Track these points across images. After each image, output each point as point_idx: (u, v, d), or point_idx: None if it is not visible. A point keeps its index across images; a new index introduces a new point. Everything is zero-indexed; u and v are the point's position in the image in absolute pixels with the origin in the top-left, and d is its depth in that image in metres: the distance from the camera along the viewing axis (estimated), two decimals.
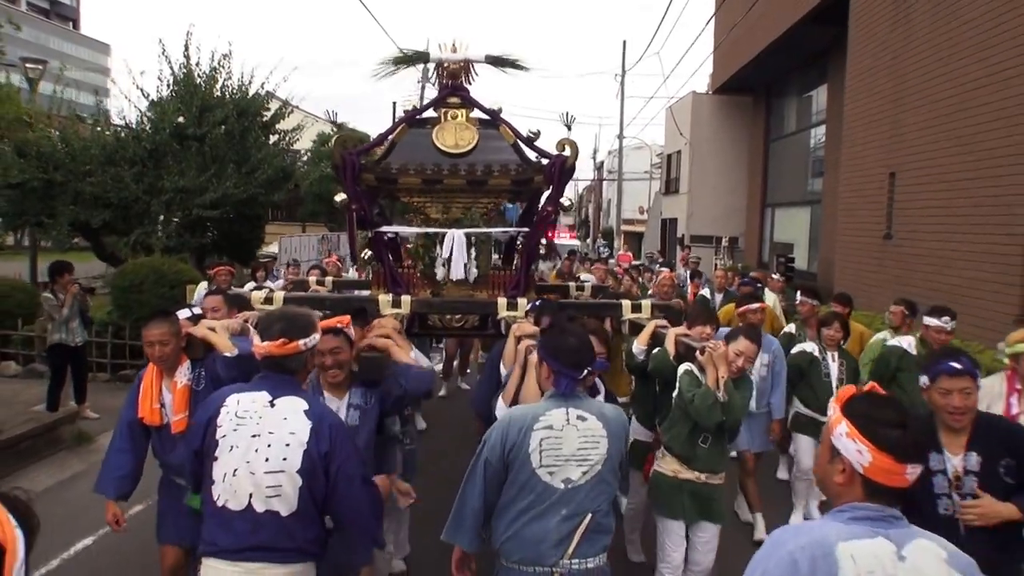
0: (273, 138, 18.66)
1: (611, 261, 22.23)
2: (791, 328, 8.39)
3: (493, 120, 6.23)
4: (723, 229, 27.11)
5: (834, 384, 6.70)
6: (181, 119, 15.78)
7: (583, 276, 11.58)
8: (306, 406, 3.19)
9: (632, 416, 5.62)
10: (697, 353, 4.60)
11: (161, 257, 13.26)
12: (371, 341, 4.35)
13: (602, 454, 3.28)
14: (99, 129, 16.59)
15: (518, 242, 7.00)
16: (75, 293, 9.23)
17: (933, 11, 12.05)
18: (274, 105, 18.60)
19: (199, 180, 15.27)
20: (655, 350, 5.16)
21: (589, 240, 56.24)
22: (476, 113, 6.26)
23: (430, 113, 6.33)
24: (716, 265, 23.79)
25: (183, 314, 4.62)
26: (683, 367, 4.70)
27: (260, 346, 3.24)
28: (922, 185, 12.22)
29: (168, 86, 16.58)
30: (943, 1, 11.74)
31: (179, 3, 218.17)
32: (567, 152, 5.88)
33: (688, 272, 15.33)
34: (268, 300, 5.91)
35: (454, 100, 6.22)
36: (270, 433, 3.08)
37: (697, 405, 4.44)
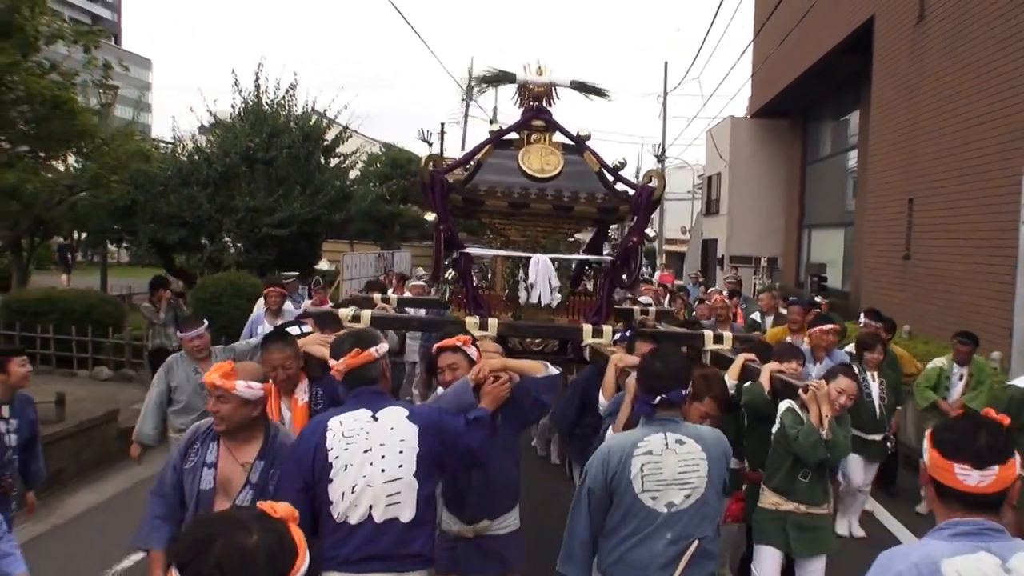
0: (334, 161, 19.96)
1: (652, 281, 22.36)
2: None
3: (578, 146, 6.19)
4: (762, 250, 27.63)
5: (876, 403, 6.98)
6: (251, 143, 17.13)
7: (642, 298, 11.04)
8: (407, 412, 3.28)
9: None
10: (800, 392, 4.50)
11: (236, 272, 14.53)
12: (488, 368, 3.87)
13: (703, 477, 3.27)
14: (173, 151, 18.07)
15: (587, 268, 7.13)
16: (168, 299, 10.39)
17: (941, 51, 13.07)
18: (335, 129, 19.90)
19: (268, 200, 16.60)
20: (747, 384, 5.09)
21: None
22: (558, 136, 6.24)
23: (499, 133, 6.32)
24: (755, 285, 24.27)
25: (293, 331, 4.73)
26: (784, 404, 4.67)
27: (337, 364, 3.35)
28: (935, 210, 13.16)
29: (240, 115, 17.99)
30: (949, 43, 12.75)
31: (219, 19, 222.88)
32: (654, 184, 5.87)
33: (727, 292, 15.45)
34: (355, 319, 5.79)
35: (537, 123, 6.21)
36: (381, 445, 3.15)
37: (802, 442, 4.43)
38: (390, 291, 11.62)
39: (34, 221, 11.36)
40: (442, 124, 34.94)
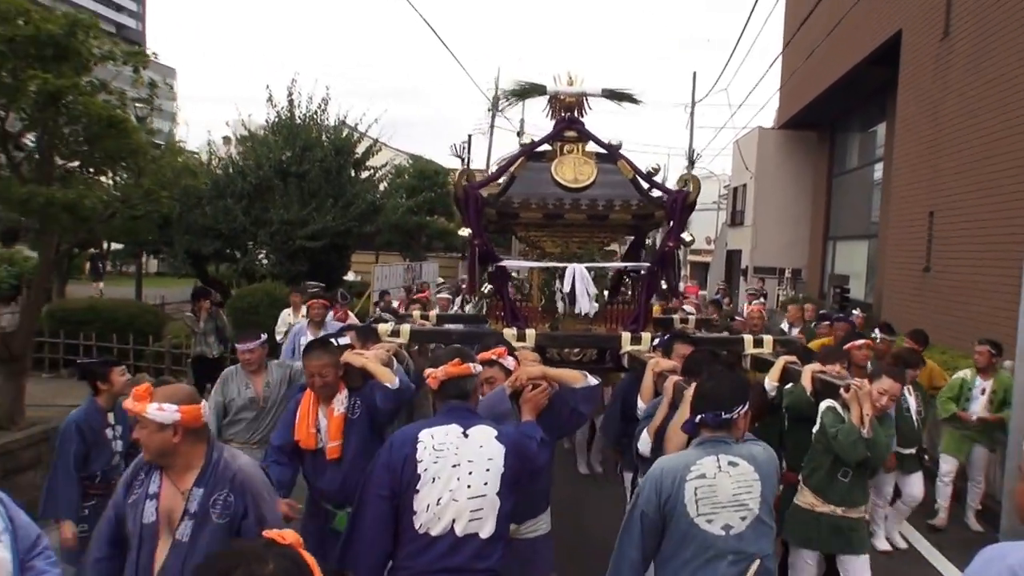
0: (365, 174, 20.39)
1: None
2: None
3: (611, 154, 6.17)
4: (786, 261, 27.61)
5: (914, 417, 6.99)
6: (284, 157, 17.59)
7: (686, 307, 11.19)
8: (496, 432, 3.33)
9: None
10: (841, 390, 4.57)
11: (271, 283, 15.00)
12: (527, 376, 3.90)
13: (757, 498, 3.24)
14: (208, 164, 18.57)
15: (625, 277, 7.11)
16: (208, 310, 10.79)
17: (964, 66, 13.28)
18: (365, 142, 20.31)
19: (301, 213, 17.05)
20: (788, 386, 5.13)
21: None
22: (591, 146, 6.26)
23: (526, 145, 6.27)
24: (779, 296, 24.29)
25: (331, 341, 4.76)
26: (825, 403, 4.69)
27: (436, 372, 3.42)
28: (955, 224, 13.36)
29: (274, 128, 18.46)
30: (972, 58, 12.96)
31: (242, 27, 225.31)
32: (689, 188, 5.88)
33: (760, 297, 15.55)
34: (395, 333, 5.82)
35: (570, 133, 6.24)
36: (469, 462, 3.21)
37: (841, 440, 4.44)
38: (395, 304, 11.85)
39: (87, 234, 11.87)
40: (469, 136, 35.23)
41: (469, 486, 3.18)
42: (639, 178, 6.13)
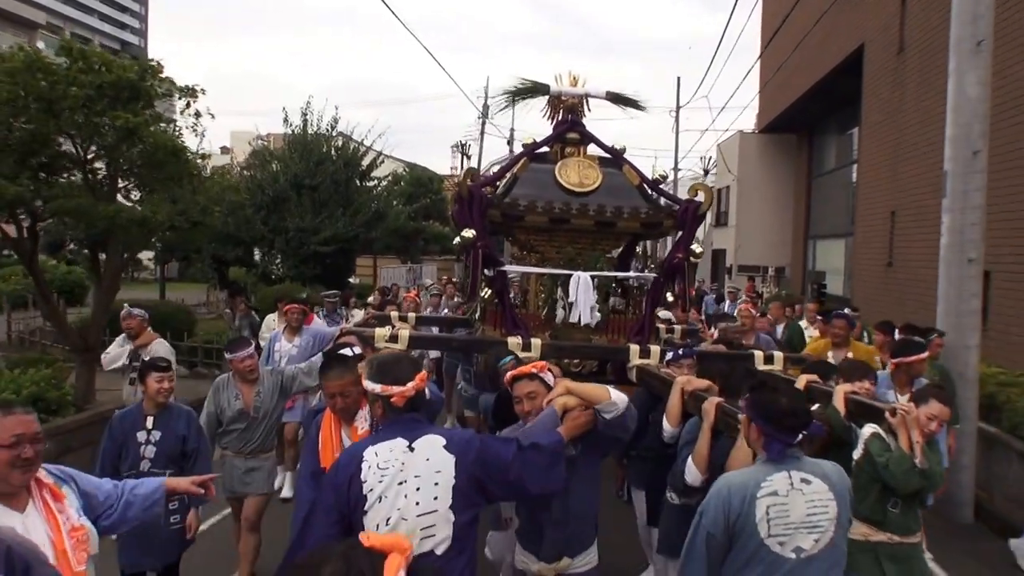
0: (370, 184, 21.80)
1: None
2: None
3: (615, 159, 6.00)
4: (768, 260, 28.84)
5: None
6: (298, 170, 19.03)
7: (661, 313, 10.33)
8: (444, 441, 3.09)
9: None
10: (887, 415, 4.23)
11: (290, 284, 16.38)
12: (561, 400, 3.67)
13: (832, 519, 3.04)
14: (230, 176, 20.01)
15: (615, 286, 6.75)
16: (241, 309, 12.11)
17: (916, 79, 14.70)
18: (370, 154, 21.75)
19: (314, 221, 18.49)
20: (815, 407, 4.48)
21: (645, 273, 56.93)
22: (593, 149, 6.08)
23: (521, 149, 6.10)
24: (762, 294, 25.12)
25: (346, 352, 4.40)
26: (868, 429, 4.29)
27: (405, 389, 3.13)
28: (913, 222, 14.75)
29: (291, 146, 19.91)
30: (923, 73, 14.35)
31: (236, 40, 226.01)
32: (700, 197, 5.68)
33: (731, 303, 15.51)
34: (393, 338, 5.49)
35: (572, 136, 6.03)
36: (416, 477, 3.00)
37: (893, 470, 4.07)
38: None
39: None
40: (462, 143, 36.31)
41: (417, 503, 2.98)
42: (646, 185, 6.00)
